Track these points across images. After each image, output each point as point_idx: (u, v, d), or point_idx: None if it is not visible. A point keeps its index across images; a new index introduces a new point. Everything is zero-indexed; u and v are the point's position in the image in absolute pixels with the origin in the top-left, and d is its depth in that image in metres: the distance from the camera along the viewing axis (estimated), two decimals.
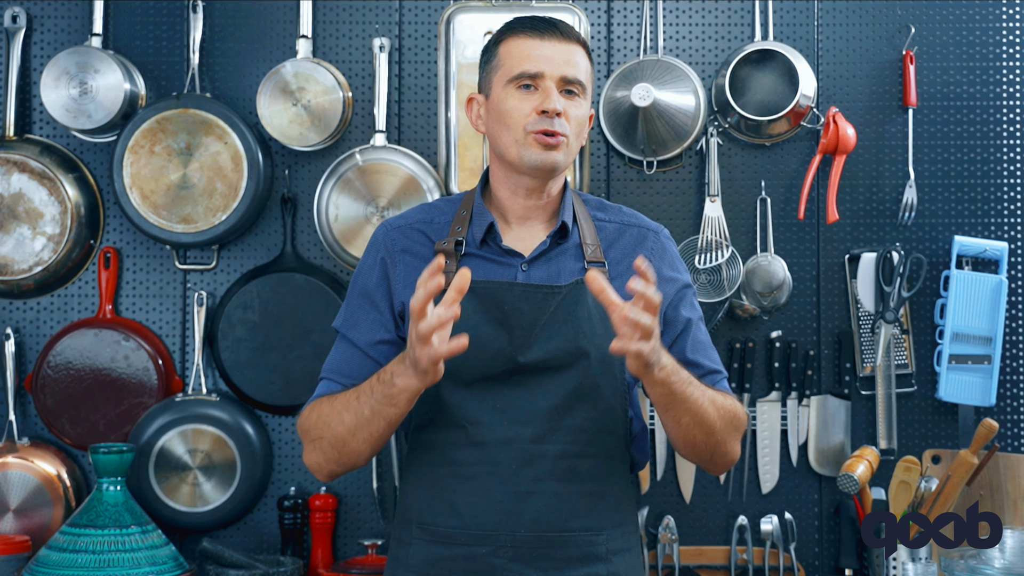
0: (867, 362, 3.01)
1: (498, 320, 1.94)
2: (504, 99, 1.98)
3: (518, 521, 1.92)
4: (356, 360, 2.01)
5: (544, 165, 1.96)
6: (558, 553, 1.93)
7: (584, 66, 2.01)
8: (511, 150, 1.97)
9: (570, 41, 1.99)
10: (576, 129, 1.99)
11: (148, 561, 2.59)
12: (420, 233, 2.04)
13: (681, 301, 2.04)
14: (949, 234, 3.03)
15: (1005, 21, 3.08)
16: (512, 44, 2.00)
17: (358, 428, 1.89)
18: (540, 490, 1.92)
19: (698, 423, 1.90)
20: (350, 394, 1.91)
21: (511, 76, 1.97)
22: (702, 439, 1.94)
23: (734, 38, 3.07)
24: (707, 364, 2.03)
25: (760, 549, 2.95)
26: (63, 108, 2.93)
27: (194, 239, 2.94)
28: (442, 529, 1.96)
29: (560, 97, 1.96)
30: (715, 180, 2.99)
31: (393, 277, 2.02)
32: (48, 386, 2.93)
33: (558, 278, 1.98)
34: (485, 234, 2.00)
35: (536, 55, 1.97)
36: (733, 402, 1.99)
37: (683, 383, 1.85)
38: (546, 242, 2.00)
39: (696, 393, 1.88)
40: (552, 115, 1.94)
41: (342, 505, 3.00)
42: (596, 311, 1.95)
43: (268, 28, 3.06)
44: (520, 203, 2.02)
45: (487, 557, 1.92)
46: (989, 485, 2.91)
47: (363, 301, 2.03)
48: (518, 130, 1.96)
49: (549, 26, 2.00)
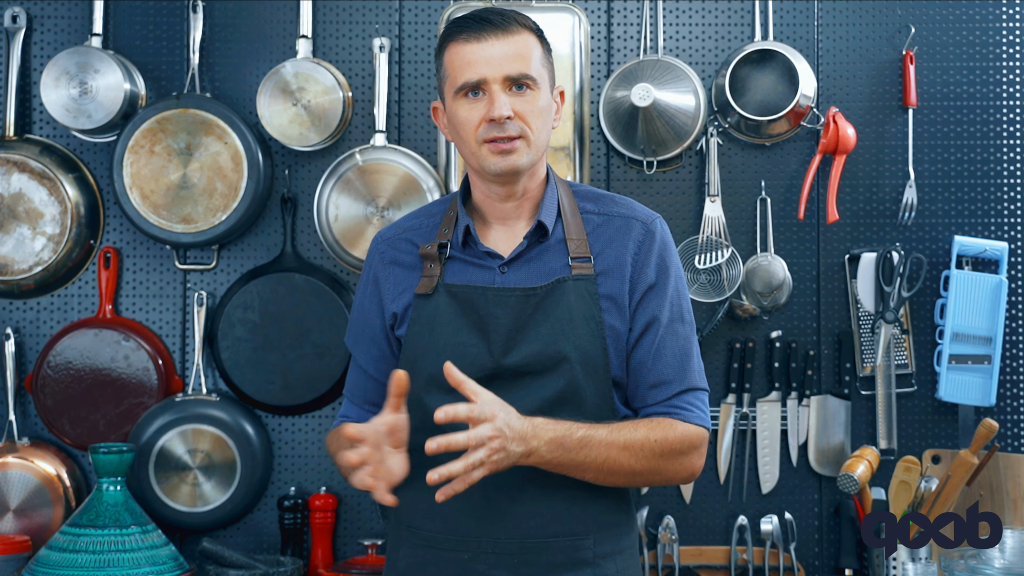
0: (867, 362, 3.01)
1: (476, 325, 1.93)
2: (455, 111, 1.94)
3: (500, 527, 1.91)
4: (362, 382, 2.08)
5: (505, 171, 1.92)
6: (540, 559, 1.91)
7: (532, 54, 1.92)
8: (472, 160, 1.95)
9: (510, 33, 1.91)
10: (536, 124, 1.92)
11: (148, 561, 2.59)
12: (407, 242, 2.04)
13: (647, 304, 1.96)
14: (949, 234, 3.03)
15: (1005, 21, 3.08)
16: (452, 52, 1.93)
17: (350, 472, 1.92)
18: (521, 495, 1.91)
19: (606, 474, 1.88)
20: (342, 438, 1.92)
21: (456, 88, 1.92)
22: (622, 481, 1.92)
23: (734, 38, 3.07)
24: (663, 374, 1.95)
25: (760, 549, 2.95)
26: (63, 108, 2.93)
27: (194, 239, 2.94)
28: (428, 533, 1.96)
29: (507, 99, 1.89)
30: (715, 180, 2.99)
31: (384, 291, 2.03)
32: (48, 386, 2.93)
33: (539, 278, 1.95)
34: (465, 236, 1.99)
35: (475, 60, 1.90)
36: (669, 429, 1.91)
37: (571, 452, 1.83)
38: (523, 243, 1.96)
39: (593, 453, 1.85)
40: (501, 120, 1.89)
41: (342, 505, 3.00)
42: (577, 310, 1.92)
43: (268, 28, 3.06)
44: (497, 205, 2.00)
45: (470, 562, 1.92)
46: (989, 485, 2.91)
47: (359, 321, 2.08)
48: (472, 141, 1.92)
49: (484, 24, 1.91)
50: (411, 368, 1.95)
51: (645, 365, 1.95)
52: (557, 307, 1.92)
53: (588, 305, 1.93)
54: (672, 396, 1.96)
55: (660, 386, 1.95)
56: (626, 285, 1.95)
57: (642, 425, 1.91)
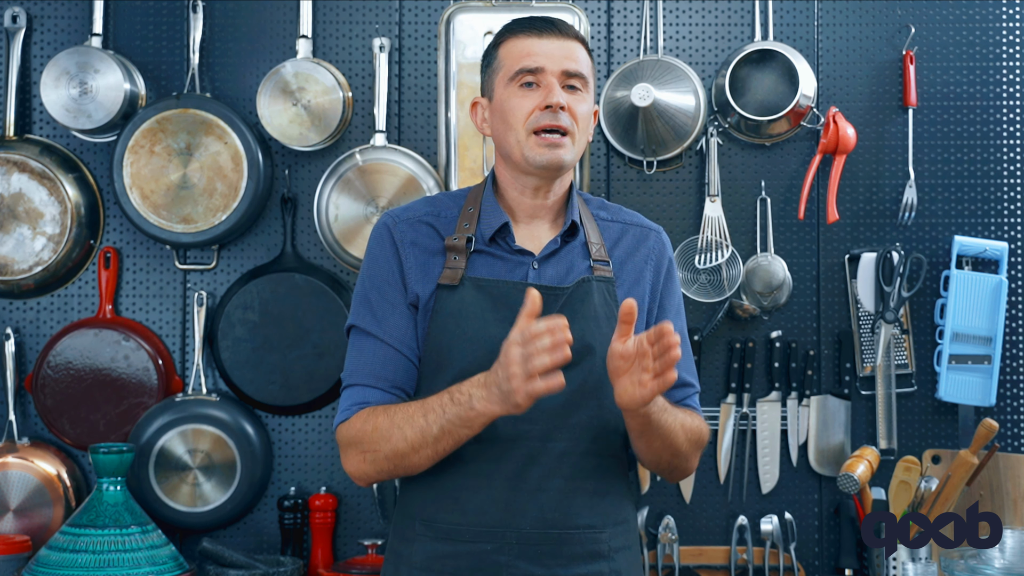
0: (867, 362, 3.01)
1: (507, 319, 1.93)
2: (507, 99, 1.98)
3: (524, 518, 1.92)
4: (391, 360, 1.96)
5: (550, 164, 1.96)
6: (563, 550, 1.93)
7: (585, 61, 2.01)
8: (515, 151, 1.97)
9: (568, 38, 2.00)
10: (582, 124, 1.98)
11: (148, 561, 2.59)
12: (428, 227, 2.02)
13: (664, 310, 2.06)
14: (949, 234, 3.03)
15: (1005, 21, 3.08)
16: (511, 44, 2.00)
17: (422, 445, 1.87)
18: (546, 487, 1.93)
19: (667, 446, 1.95)
20: (414, 409, 1.88)
21: (512, 74, 1.98)
22: (667, 459, 1.99)
23: (734, 38, 3.07)
24: (683, 377, 2.03)
25: (760, 549, 2.95)
26: (63, 108, 2.93)
27: (194, 239, 2.94)
28: (447, 526, 1.95)
29: (562, 92, 1.96)
30: (715, 180, 2.99)
31: (406, 269, 1.99)
32: (48, 386, 2.93)
33: (567, 277, 1.99)
34: (496, 233, 2.00)
35: (536, 51, 1.97)
36: (699, 422, 2.03)
37: (660, 412, 1.89)
38: (556, 241, 2.01)
39: (669, 419, 1.91)
40: (556, 109, 1.94)
41: (342, 505, 3.00)
42: (602, 309, 1.97)
43: (268, 28, 3.06)
44: (528, 202, 2.03)
45: (492, 554, 1.92)
46: (989, 485, 2.91)
47: (385, 295, 1.98)
48: (520, 129, 1.96)
49: (547, 24, 2.00)
50: (438, 360, 1.95)
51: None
52: (584, 304, 1.96)
53: (609, 305, 1.99)
54: (687, 397, 2.05)
55: (678, 387, 2.03)
56: (646, 291, 2.03)
57: (685, 412, 2.00)
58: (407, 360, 1.96)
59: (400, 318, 1.97)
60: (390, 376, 1.95)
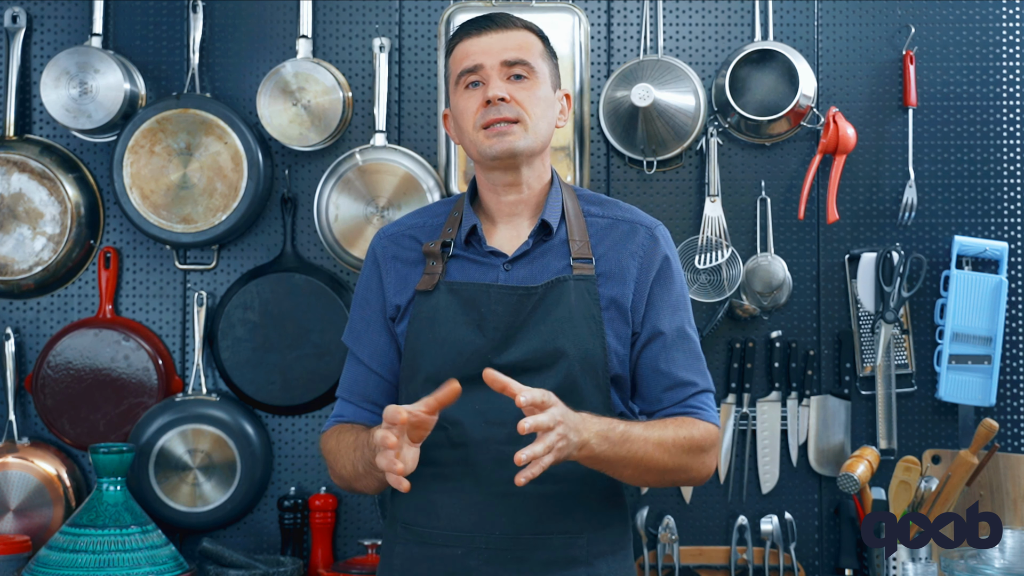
0: (867, 362, 3.01)
1: (475, 322, 1.94)
2: (456, 103, 2.00)
3: (494, 523, 1.91)
4: (363, 378, 2.05)
5: (503, 153, 1.94)
6: (534, 556, 1.92)
7: (532, 49, 1.99)
8: (472, 150, 1.99)
9: (509, 28, 1.99)
10: (535, 110, 1.96)
11: (148, 561, 2.59)
12: (411, 239, 2.05)
13: (655, 308, 1.98)
14: (949, 234, 3.03)
15: (1005, 21, 3.08)
16: (456, 50, 2.02)
17: (356, 478, 1.95)
18: (516, 491, 1.86)
19: (643, 471, 1.89)
20: (352, 439, 1.94)
21: (456, 78, 2.00)
22: (653, 479, 1.94)
23: (734, 38, 3.07)
24: (680, 376, 1.98)
25: (760, 549, 2.95)
26: (63, 108, 2.93)
27: (194, 239, 2.94)
28: (422, 529, 1.96)
29: (503, 83, 1.95)
30: (715, 180, 2.99)
31: (386, 284, 2.04)
32: (48, 386, 2.93)
33: (540, 277, 1.96)
34: (468, 235, 2.00)
35: (473, 51, 1.98)
36: (692, 428, 1.94)
37: (616, 446, 1.82)
38: (528, 242, 1.98)
39: (634, 448, 1.85)
40: (495, 101, 1.94)
41: (342, 505, 3.00)
42: (577, 310, 1.93)
43: (268, 28, 3.06)
44: (501, 200, 2.02)
45: (463, 558, 1.92)
46: (989, 485, 2.91)
47: (363, 314, 2.06)
48: (471, 129, 1.97)
49: (486, 21, 2.00)
50: (412, 364, 1.97)
51: (659, 370, 1.98)
52: (557, 305, 1.93)
53: (588, 305, 1.94)
54: (688, 397, 1.99)
55: (676, 388, 1.98)
56: (629, 288, 1.97)
57: (669, 423, 1.94)
58: (377, 376, 2.04)
59: (375, 335, 2.04)
60: (362, 392, 2.05)
